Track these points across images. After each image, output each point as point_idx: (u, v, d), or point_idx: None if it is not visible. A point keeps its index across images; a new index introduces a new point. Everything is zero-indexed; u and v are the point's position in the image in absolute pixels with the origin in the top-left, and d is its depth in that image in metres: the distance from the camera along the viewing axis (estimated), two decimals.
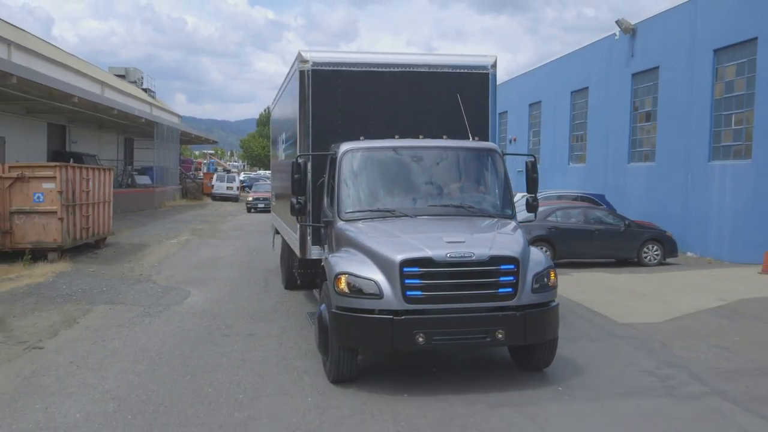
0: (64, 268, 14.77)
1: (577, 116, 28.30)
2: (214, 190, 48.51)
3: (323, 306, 7.35)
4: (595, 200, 20.97)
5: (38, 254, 15.50)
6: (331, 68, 9.17)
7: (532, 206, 8.62)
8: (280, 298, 12.18)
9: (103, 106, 27.33)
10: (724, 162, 18.53)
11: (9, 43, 26.55)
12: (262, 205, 35.30)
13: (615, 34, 24.18)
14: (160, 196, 37.59)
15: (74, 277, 13.80)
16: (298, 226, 9.27)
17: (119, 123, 33.58)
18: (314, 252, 9.22)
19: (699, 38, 19.46)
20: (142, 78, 53.41)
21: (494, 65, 9.56)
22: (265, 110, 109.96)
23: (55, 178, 15.55)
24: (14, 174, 15.45)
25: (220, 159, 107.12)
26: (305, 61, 9.12)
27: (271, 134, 16.67)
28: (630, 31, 23.24)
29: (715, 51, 18.75)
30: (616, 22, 23.75)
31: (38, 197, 15.50)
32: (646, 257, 17.11)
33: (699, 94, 19.34)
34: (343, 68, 9.21)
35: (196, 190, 48.67)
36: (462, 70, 9.49)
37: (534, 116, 32.90)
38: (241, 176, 61.31)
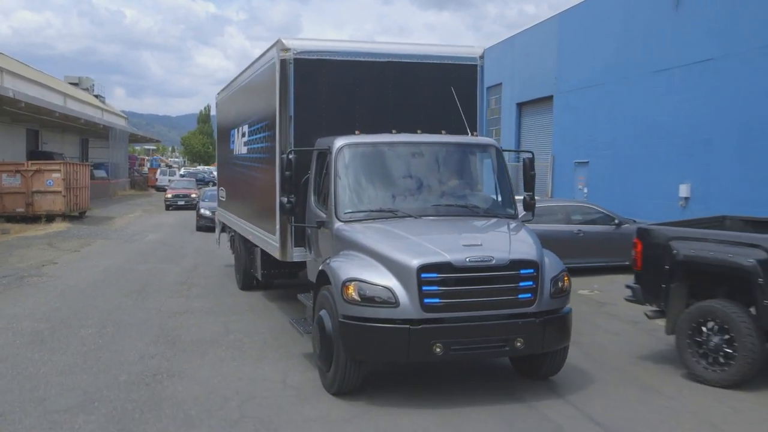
0: (68, 226, 24.22)
1: None
2: (158, 183, 57.21)
3: (323, 312, 6.81)
4: None
5: (50, 218, 24.84)
6: (315, 57, 8.74)
7: (529, 205, 8.19)
8: (200, 235, 22.00)
9: (74, 117, 36.25)
10: None
11: (2, 69, 35.10)
12: (183, 203, 34.50)
13: None
14: (113, 187, 46.45)
15: (77, 230, 23.30)
16: (278, 226, 8.81)
17: (80, 128, 42.26)
18: (296, 254, 8.81)
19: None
20: (93, 85, 61.47)
21: (482, 57, 9.48)
22: (205, 108, 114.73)
23: (60, 170, 24.95)
24: (34, 168, 24.83)
25: (162, 155, 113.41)
26: (287, 50, 8.64)
27: (219, 126, 15.61)
28: None
29: (488, 88, 29.28)
30: None
31: (49, 182, 24.85)
32: None
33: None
34: (328, 57, 8.79)
35: (142, 183, 57.45)
36: (451, 62, 9.22)
37: None
38: (182, 171, 68.86)
